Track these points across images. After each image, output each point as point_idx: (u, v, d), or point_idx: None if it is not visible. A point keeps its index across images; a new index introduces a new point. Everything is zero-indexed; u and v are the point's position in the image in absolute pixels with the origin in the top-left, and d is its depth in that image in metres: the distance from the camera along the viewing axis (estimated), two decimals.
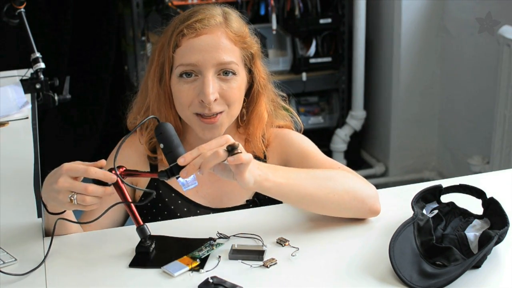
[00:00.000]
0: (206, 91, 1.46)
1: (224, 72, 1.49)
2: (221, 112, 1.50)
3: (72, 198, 1.26)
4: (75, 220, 1.42)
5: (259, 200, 1.57)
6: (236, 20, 1.54)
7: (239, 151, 1.27)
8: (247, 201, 1.59)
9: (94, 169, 1.28)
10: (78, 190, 1.26)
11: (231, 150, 1.26)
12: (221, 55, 1.48)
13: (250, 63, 1.55)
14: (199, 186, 1.35)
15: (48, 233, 1.41)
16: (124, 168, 1.35)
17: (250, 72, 1.57)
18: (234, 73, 1.50)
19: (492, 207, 1.37)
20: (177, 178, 1.28)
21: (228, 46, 1.50)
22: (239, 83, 1.52)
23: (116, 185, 1.33)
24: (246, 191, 1.58)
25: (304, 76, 3.56)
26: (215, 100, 1.48)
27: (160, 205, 1.58)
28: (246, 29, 1.55)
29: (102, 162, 1.31)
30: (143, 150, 1.60)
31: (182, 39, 1.49)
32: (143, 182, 1.60)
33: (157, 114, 1.55)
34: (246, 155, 1.27)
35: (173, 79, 1.52)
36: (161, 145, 1.29)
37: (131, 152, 1.60)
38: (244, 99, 1.57)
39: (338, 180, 1.42)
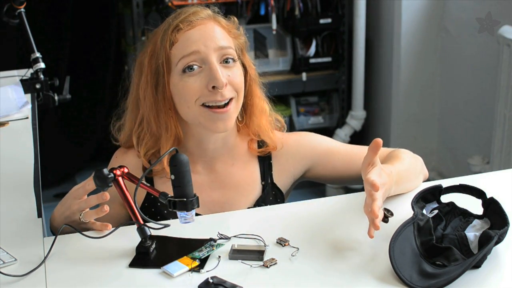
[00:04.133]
0: (217, 75, 1.46)
1: (225, 60, 1.50)
2: (231, 100, 1.50)
3: (80, 216, 1.39)
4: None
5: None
6: (221, 16, 1.57)
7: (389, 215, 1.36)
8: (248, 208, 1.58)
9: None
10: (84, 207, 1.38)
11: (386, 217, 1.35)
12: (220, 40, 1.50)
13: (240, 54, 1.57)
14: (201, 194, 1.35)
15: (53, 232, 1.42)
16: (127, 170, 1.35)
17: (242, 65, 1.57)
18: (234, 60, 1.52)
19: (492, 207, 1.37)
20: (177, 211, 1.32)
21: (223, 34, 1.52)
22: (240, 70, 1.54)
23: (116, 184, 1.34)
24: (248, 199, 1.58)
25: (304, 76, 3.55)
26: (226, 85, 1.48)
27: (159, 209, 1.57)
28: (231, 22, 1.58)
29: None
30: (139, 161, 1.58)
31: (177, 34, 1.49)
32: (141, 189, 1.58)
33: (154, 124, 1.53)
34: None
35: (174, 79, 1.50)
36: (172, 177, 1.30)
37: (127, 163, 1.58)
38: None
39: (407, 157, 1.55)
